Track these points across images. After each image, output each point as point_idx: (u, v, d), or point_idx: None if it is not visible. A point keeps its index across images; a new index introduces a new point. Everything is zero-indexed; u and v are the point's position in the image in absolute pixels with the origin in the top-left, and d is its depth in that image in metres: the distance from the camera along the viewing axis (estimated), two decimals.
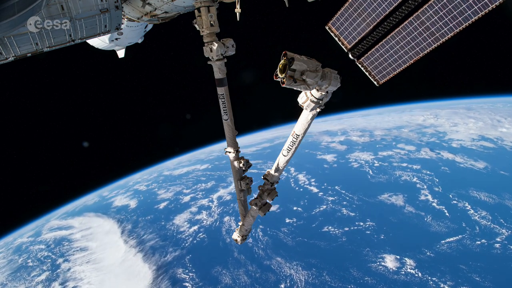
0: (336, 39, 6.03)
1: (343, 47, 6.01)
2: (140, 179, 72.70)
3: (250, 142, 77.94)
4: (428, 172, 37.29)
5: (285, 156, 4.25)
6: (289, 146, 4.10)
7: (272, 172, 4.61)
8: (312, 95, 3.35)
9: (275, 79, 3.05)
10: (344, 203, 35.11)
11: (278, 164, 4.44)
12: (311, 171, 44.84)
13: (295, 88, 3.16)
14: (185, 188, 52.59)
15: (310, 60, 3.06)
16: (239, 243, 5.72)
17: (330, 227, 31.56)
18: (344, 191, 37.48)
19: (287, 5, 4.98)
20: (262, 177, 4.78)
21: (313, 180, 42.16)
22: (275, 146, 64.28)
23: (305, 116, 3.68)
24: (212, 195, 46.38)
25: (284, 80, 2.96)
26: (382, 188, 36.22)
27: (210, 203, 43.77)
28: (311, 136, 64.33)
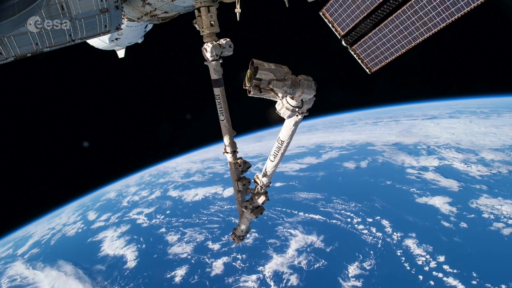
0: (330, 25, 6.03)
1: (336, 33, 6.04)
2: (139, 199, 54.39)
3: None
4: None
5: (272, 161, 4.27)
6: (275, 152, 4.13)
7: (260, 177, 4.66)
8: (287, 102, 3.24)
9: (244, 88, 2.94)
10: None
11: (266, 169, 4.49)
12: (427, 236, 27.56)
13: (264, 97, 3.07)
14: (210, 240, 34.94)
15: (278, 68, 2.94)
16: (237, 243, 5.83)
17: None
18: None
19: (287, 5, 4.97)
20: (253, 181, 4.85)
21: (441, 258, 25.01)
22: (328, 165, 46.51)
23: (288, 122, 3.64)
24: (262, 264, 28.98)
25: (250, 89, 2.86)
26: None
27: None
28: (380, 153, 46.44)
